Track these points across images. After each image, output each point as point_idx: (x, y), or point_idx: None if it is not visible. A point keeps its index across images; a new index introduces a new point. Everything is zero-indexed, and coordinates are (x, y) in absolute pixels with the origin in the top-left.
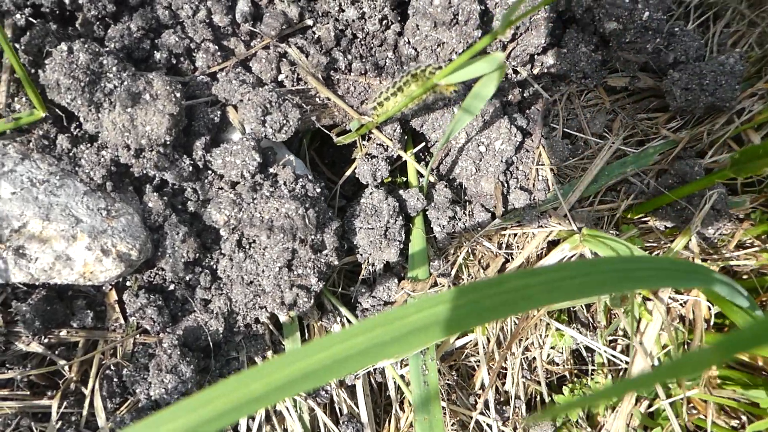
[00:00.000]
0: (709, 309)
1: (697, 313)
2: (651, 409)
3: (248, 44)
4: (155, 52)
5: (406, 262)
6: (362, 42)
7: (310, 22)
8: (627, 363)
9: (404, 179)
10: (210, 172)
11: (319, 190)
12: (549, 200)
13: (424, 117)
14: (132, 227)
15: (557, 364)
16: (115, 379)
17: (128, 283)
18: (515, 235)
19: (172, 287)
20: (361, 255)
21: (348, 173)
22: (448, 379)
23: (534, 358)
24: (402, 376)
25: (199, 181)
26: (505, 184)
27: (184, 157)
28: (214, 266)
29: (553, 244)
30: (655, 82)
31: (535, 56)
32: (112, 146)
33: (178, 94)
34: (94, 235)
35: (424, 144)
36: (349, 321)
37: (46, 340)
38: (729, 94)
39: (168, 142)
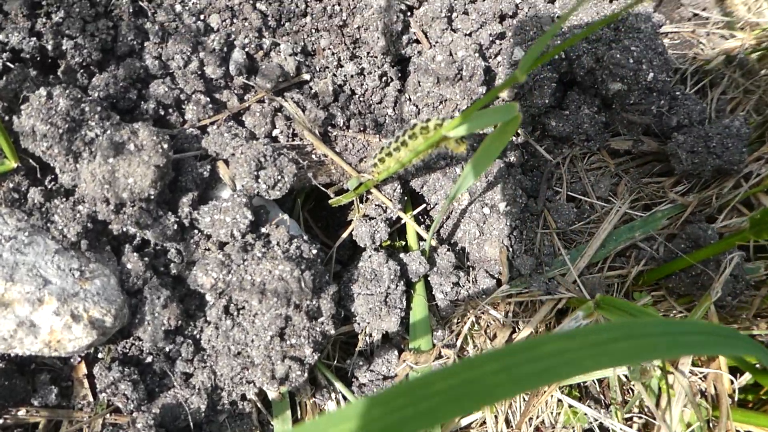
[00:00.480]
0: (732, 383)
1: (719, 388)
2: None
3: (242, 98)
4: (142, 102)
5: (407, 332)
6: (361, 98)
7: (307, 76)
8: None
9: (403, 243)
10: (197, 231)
11: (315, 251)
12: (557, 266)
13: (424, 177)
14: (108, 290)
15: None
16: None
17: (100, 355)
18: (522, 303)
19: (149, 359)
20: (359, 324)
21: (345, 235)
22: None
23: None
24: None
25: (184, 241)
26: (510, 249)
27: (168, 214)
28: (198, 336)
29: (561, 314)
30: (659, 146)
31: (537, 118)
32: (89, 200)
33: (165, 145)
34: (64, 298)
35: (424, 206)
36: (344, 398)
37: (0, 422)
38: (737, 156)
39: (152, 197)
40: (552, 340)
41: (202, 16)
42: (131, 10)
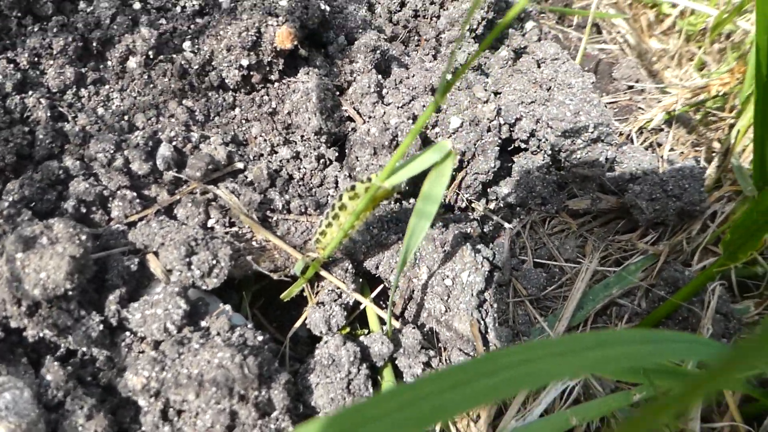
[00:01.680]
0: None
1: None
2: None
3: (172, 191)
4: (62, 203)
5: None
6: (300, 182)
7: (240, 165)
8: None
9: (365, 331)
10: (128, 333)
11: (261, 338)
12: (535, 334)
13: (378, 257)
14: (19, 404)
15: None
16: None
17: None
18: None
19: None
20: None
21: (297, 324)
22: None
23: None
24: None
25: (114, 345)
26: (482, 322)
27: (93, 314)
28: None
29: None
30: (617, 200)
31: (488, 188)
32: None
33: (83, 237)
34: None
35: (382, 287)
36: None
37: None
38: (697, 196)
39: (69, 293)
40: (512, 352)
41: (126, 117)
42: (49, 115)
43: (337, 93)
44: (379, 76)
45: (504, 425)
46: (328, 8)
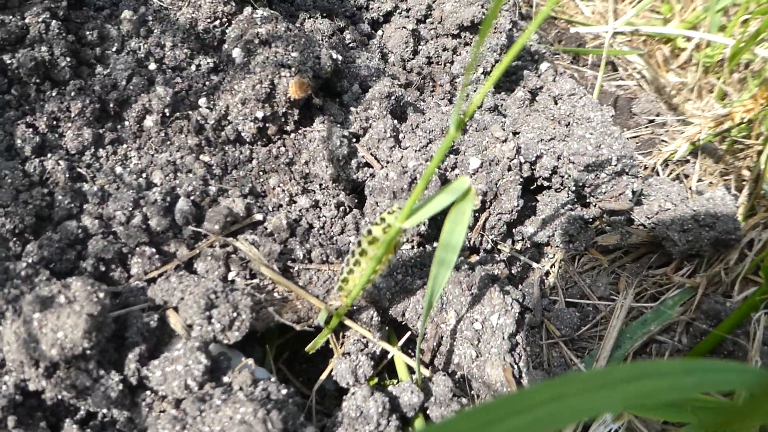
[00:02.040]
0: None
1: None
2: None
3: (191, 246)
4: (81, 262)
5: None
6: (321, 230)
7: (259, 216)
8: None
9: (394, 381)
10: (148, 392)
11: (285, 391)
12: None
13: (404, 303)
14: None
15: None
16: None
17: None
18: None
19: None
20: None
21: (324, 377)
22: None
23: None
24: None
25: (135, 406)
26: (515, 366)
27: (112, 373)
28: None
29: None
30: (648, 233)
31: (513, 228)
32: (16, 367)
33: (101, 294)
34: None
35: (409, 334)
36: None
37: None
38: (731, 225)
39: (88, 353)
40: (545, 386)
41: (144, 174)
42: (67, 176)
43: (354, 140)
44: (395, 121)
45: None
46: (340, 57)
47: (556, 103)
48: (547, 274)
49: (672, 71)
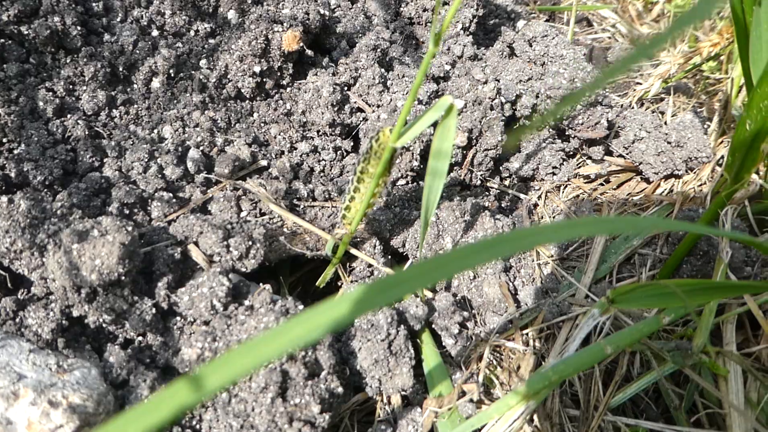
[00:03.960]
0: None
1: None
2: None
3: (204, 191)
4: (106, 207)
5: (426, 390)
6: (321, 173)
7: (264, 162)
8: None
9: None
10: (178, 318)
11: (302, 307)
12: (563, 290)
13: (403, 235)
14: (88, 379)
15: None
16: None
17: None
18: (540, 330)
19: None
20: (371, 387)
21: None
22: None
23: None
24: None
25: (168, 330)
26: (510, 284)
27: (145, 299)
28: (198, 426)
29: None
30: (626, 161)
31: (500, 165)
32: (60, 294)
33: (129, 227)
34: (41, 389)
35: (410, 263)
36: None
37: None
38: (701, 143)
39: (123, 279)
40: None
41: (155, 130)
42: (87, 134)
43: (345, 88)
44: (383, 70)
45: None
46: (327, 13)
47: (530, 46)
48: (535, 205)
49: (646, 24)
